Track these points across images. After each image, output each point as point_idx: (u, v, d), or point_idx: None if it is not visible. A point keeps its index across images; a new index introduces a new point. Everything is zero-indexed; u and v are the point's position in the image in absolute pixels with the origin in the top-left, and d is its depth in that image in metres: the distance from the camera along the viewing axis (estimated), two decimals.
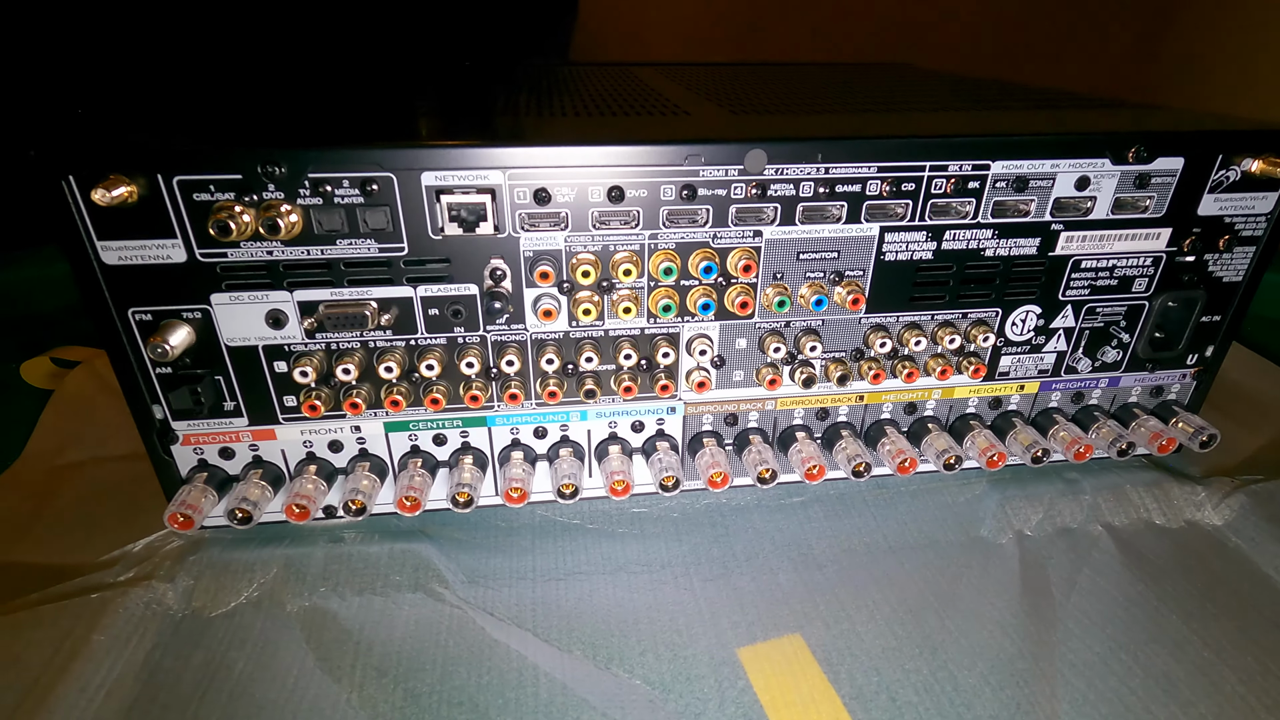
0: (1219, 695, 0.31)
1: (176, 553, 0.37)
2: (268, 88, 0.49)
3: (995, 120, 0.39)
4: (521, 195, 0.31)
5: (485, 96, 0.48)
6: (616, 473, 0.37)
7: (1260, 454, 0.46)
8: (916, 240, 0.35)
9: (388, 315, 0.33)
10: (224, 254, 0.30)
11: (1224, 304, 0.39)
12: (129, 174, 0.28)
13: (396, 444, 0.37)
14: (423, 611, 0.34)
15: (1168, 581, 0.37)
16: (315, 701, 0.30)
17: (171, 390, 0.33)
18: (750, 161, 0.31)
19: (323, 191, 0.30)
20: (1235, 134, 0.35)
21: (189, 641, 0.33)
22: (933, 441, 0.39)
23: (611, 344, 0.35)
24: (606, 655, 0.32)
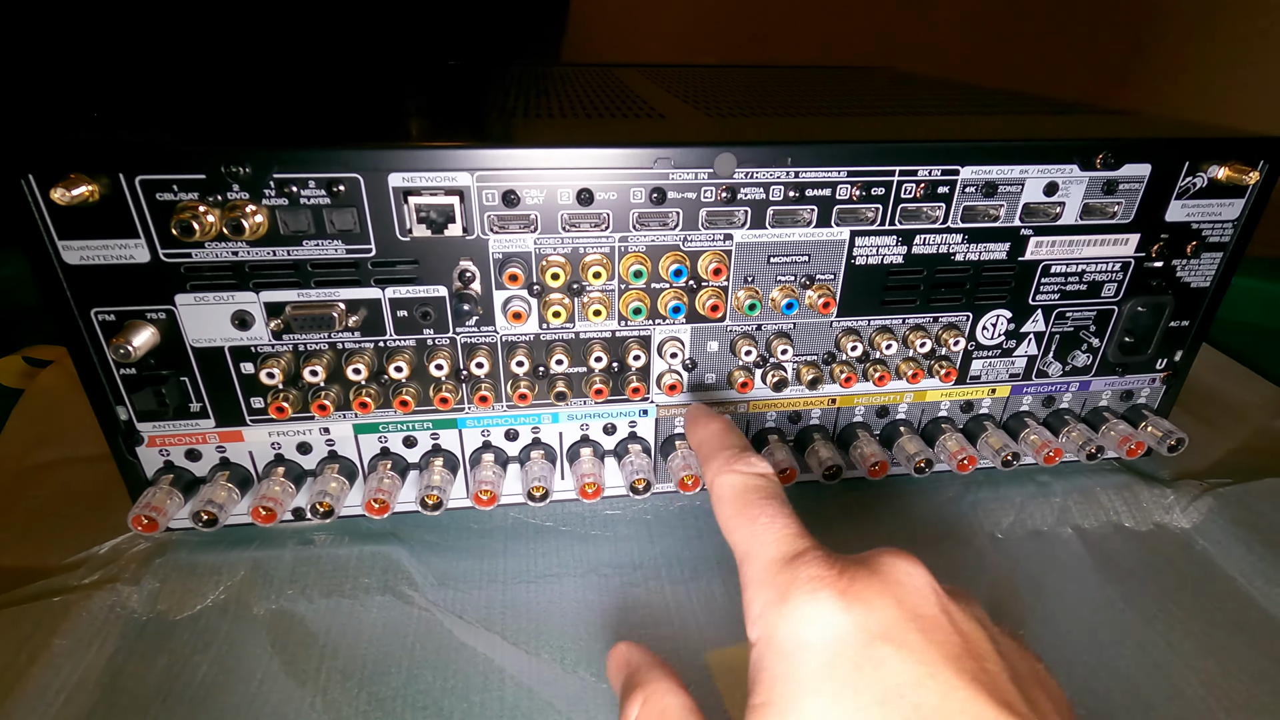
0: (1179, 698, 0.31)
1: (143, 555, 0.37)
2: (240, 87, 0.49)
3: (965, 125, 0.40)
4: (490, 197, 0.31)
5: (461, 97, 0.47)
6: (587, 475, 0.37)
7: (1230, 457, 0.47)
8: (887, 244, 0.35)
9: (356, 317, 0.32)
10: (188, 254, 0.30)
11: (1192, 309, 0.40)
12: (90, 173, 0.28)
13: (366, 446, 0.36)
14: (391, 614, 0.34)
15: (1134, 584, 0.37)
16: (279, 706, 0.30)
17: (135, 391, 0.33)
18: (720, 165, 0.31)
19: (288, 192, 0.29)
20: (1201, 141, 0.35)
21: (152, 645, 0.32)
22: (904, 445, 0.39)
23: (582, 346, 0.35)
24: (574, 658, 0.32)
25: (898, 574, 0.20)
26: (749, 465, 0.25)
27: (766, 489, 0.24)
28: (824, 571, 0.20)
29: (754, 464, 0.25)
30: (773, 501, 0.23)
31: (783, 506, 0.23)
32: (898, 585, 0.20)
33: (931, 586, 0.20)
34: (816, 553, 0.21)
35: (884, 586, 0.19)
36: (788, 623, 0.19)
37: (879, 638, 0.18)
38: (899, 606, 0.19)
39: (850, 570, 0.20)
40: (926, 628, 0.19)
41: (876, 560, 0.20)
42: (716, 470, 0.25)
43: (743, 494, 0.24)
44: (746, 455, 0.25)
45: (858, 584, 0.19)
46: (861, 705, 0.18)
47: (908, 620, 0.19)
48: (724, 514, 0.24)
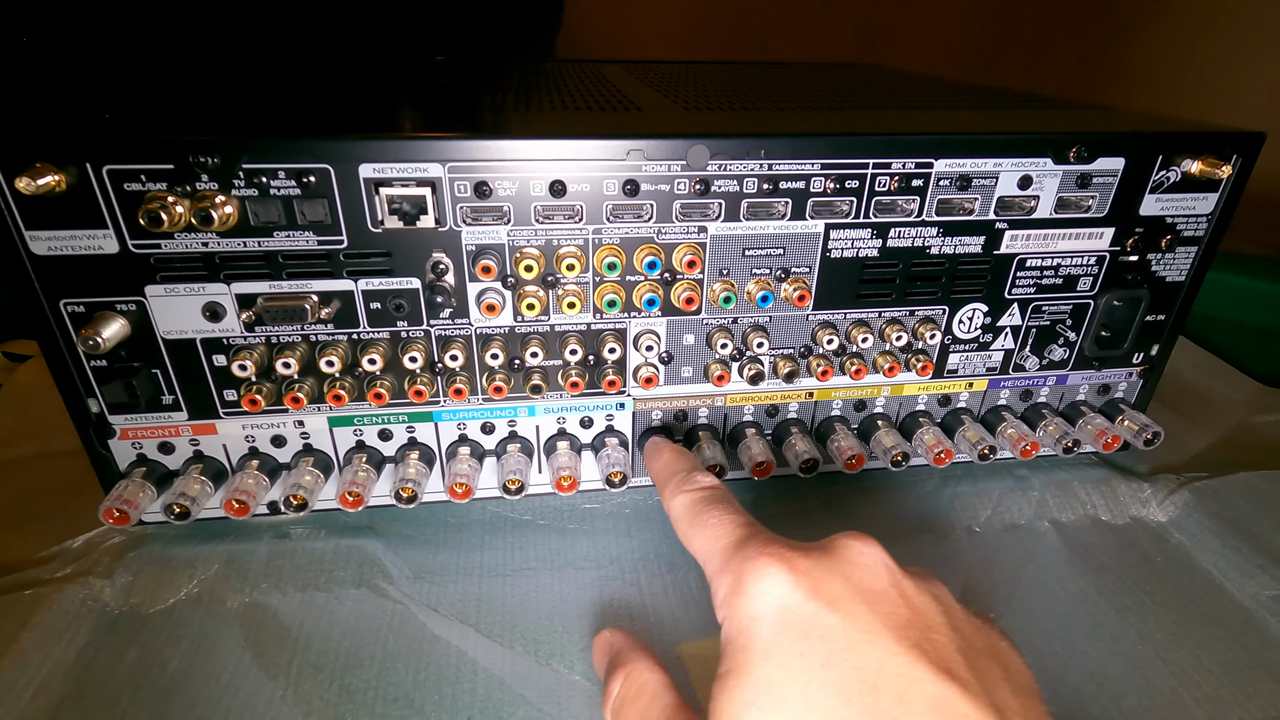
0: (1150, 689, 0.31)
1: (117, 549, 0.37)
2: (217, 78, 0.48)
3: (938, 119, 0.40)
4: (462, 189, 0.31)
5: (442, 91, 0.47)
6: (563, 468, 0.37)
7: (1208, 452, 0.47)
8: (862, 237, 0.35)
9: (328, 308, 0.32)
10: (157, 245, 0.30)
11: (1168, 303, 0.40)
12: (57, 163, 0.28)
13: (341, 439, 0.36)
14: (365, 607, 0.34)
15: (1109, 577, 0.37)
16: (249, 699, 0.30)
17: (106, 384, 0.32)
18: (693, 157, 0.31)
19: (258, 183, 0.29)
20: (1174, 135, 0.35)
21: (124, 638, 0.32)
22: (881, 438, 0.39)
23: (558, 339, 0.35)
24: (548, 651, 0.32)
25: (850, 553, 0.21)
26: (694, 483, 0.27)
27: (711, 497, 0.26)
28: (771, 549, 0.21)
29: (698, 480, 0.27)
30: (718, 504, 0.25)
31: (728, 506, 0.25)
32: (848, 563, 0.21)
33: (884, 563, 0.21)
34: (762, 535, 0.23)
35: (833, 563, 0.21)
36: (744, 599, 0.21)
37: (826, 606, 0.20)
38: (846, 581, 0.20)
39: (801, 548, 0.22)
40: (872, 599, 0.20)
41: (832, 542, 0.22)
42: (670, 496, 0.27)
43: (692, 507, 0.26)
44: (693, 475, 0.28)
45: (808, 559, 0.21)
46: (806, 668, 0.19)
47: (854, 592, 0.20)
48: (682, 531, 0.26)
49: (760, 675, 0.19)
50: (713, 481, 0.27)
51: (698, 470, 0.28)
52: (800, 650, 0.19)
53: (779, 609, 0.20)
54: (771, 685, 0.19)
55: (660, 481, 0.30)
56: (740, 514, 0.25)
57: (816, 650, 0.19)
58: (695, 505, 0.26)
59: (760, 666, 0.19)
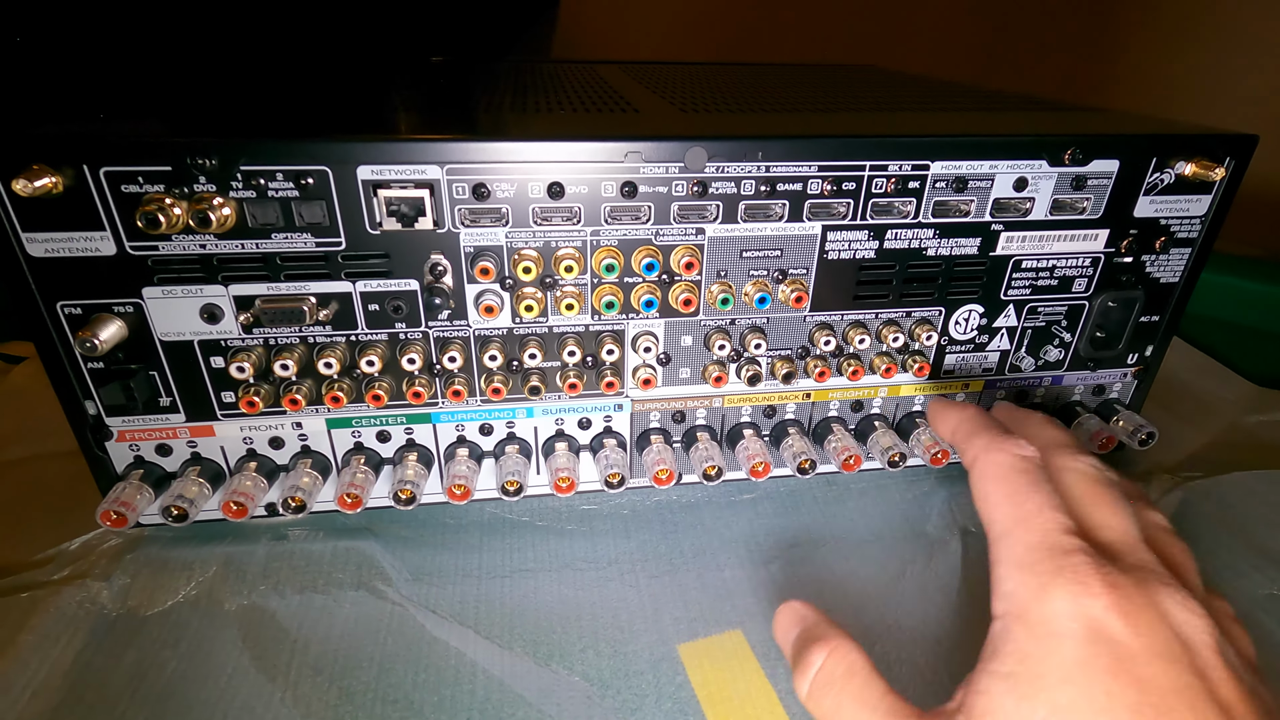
0: None
1: (114, 551, 0.37)
2: (213, 81, 0.48)
3: (934, 121, 0.40)
4: (460, 190, 0.31)
5: (439, 92, 0.47)
6: (561, 469, 0.37)
7: (1202, 452, 0.47)
8: (859, 239, 0.35)
9: (326, 310, 0.32)
10: (155, 247, 0.30)
11: (1162, 304, 0.40)
12: (54, 164, 0.28)
13: (339, 440, 0.36)
14: (364, 609, 0.34)
15: None
16: (247, 701, 0.30)
17: (103, 386, 0.32)
18: (690, 159, 0.32)
19: (256, 184, 0.29)
20: (1169, 138, 0.35)
21: (121, 641, 0.32)
22: (878, 439, 0.39)
23: (556, 340, 0.35)
24: (547, 652, 0.32)
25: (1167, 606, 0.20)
26: (1019, 447, 0.25)
27: (1035, 474, 0.24)
28: (1094, 574, 0.20)
29: (1023, 446, 0.25)
30: (1042, 489, 0.23)
31: (1051, 497, 0.23)
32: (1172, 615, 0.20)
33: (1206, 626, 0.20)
34: (1084, 555, 0.21)
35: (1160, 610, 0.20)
36: (1048, 607, 0.20)
37: (1145, 652, 0.19)
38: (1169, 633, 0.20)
39: (1118, 583, 0.20)
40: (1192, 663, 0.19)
41: (1147, 585, 0.21)
42: (984, 447, 0.25)
43: (1011, 474, 0.24)
44: (1014, 437, 0.25)
45: (1130, 602, 0.20)
46: (1112, 707, 0.18)
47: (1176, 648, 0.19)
48: (988, 490, 0.24)
49: (1059, 697, 0.19)
50: (1034, 451, 0.25)
51: (1016, 434, 0.26)
52: (1109, 688, 0.19)
53: (1092, 637, 0.19)
54: (1069, 710, 0.19)
55: (966, 432, 0.27)
56: (1066, 515, 0.22)
57: (1127, 694, 0.18)
58: (1016, 474, 0.24)
59: (1060, 688, 0.19)
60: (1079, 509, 0.24)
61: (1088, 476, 0.25)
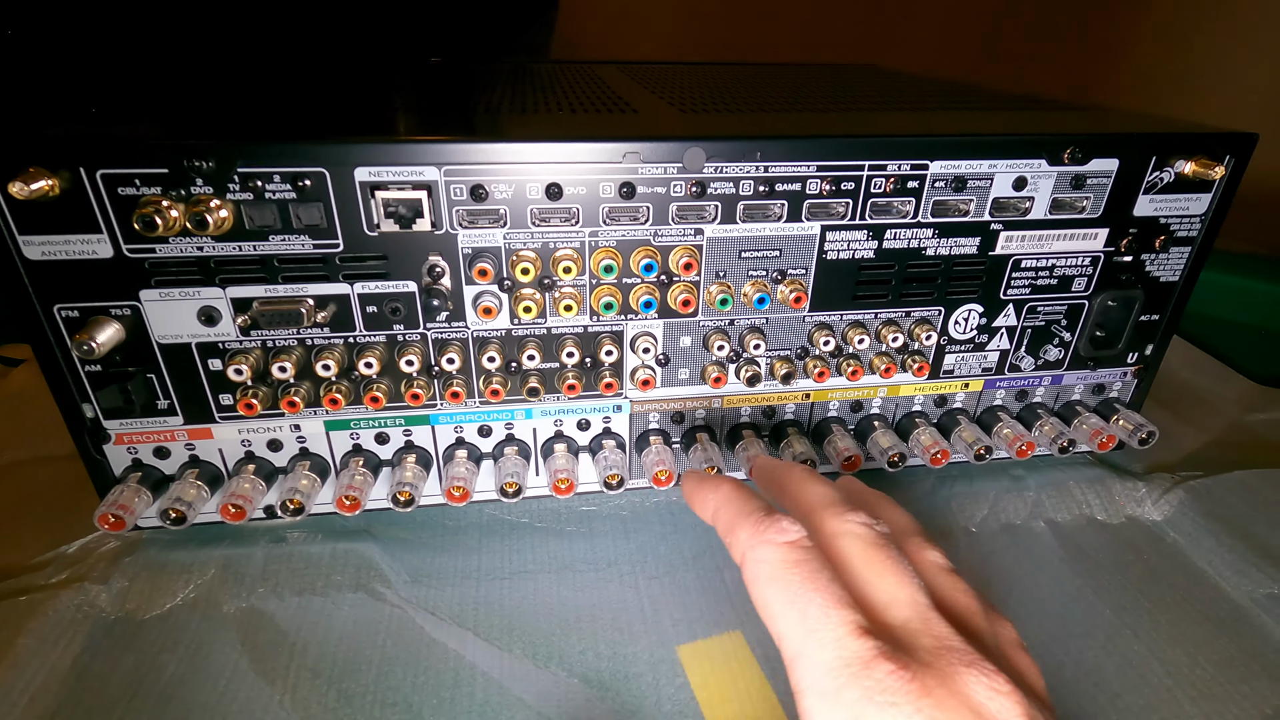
0: (1145, 687, 0.31)
1: (112, 554, 0.36)
2: (211, 82, 0.48)
3: (933, 120, 0.40)
4: (458, 192, 0.31)
5: (437, 93, 0.47)
6: (560, 471, 0.37)
7: (1203, 451, 0.47)
8: (858, 239, 0.35)
9: (324, 312, 0.32)
10: (152, 250, 0.30)
11: (1162, 303, 0.40)
12: (50, 167, 0.28)
13: (338, 443, 0.36)
14: (363, 612, 0.34)
15: (1105, 576, 0.37)
16: (246, 704, 0.30)
17: (101, 389, 0.32)
18: (689, 159, 0.31)
19: (253, 186, 0.29)
20: (1168, 136, 0.35)
21: (120, 644, 0.32)
22: (877, 439, 0.39)
23: (554, 342, 0.35)
24: (546, 654, 0.32)
25: (978, 698, 0.19)
26: (782, 533, 0.22)
27: (809, 562, 0.21)
28: (902, 687, 0.18)
29: (787, 530, 0.22)
30: (819, 581, 0.20)
31: (830, 585, 0.20)
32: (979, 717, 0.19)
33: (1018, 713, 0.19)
34: (885, 662, 0.19)
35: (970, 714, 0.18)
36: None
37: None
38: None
39: (927, 685, 0.19)
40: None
41: (953, 676, 0.19)
42: (747, 543, 0.22)
43: (784, 571, 0.21)
44: (776, 519, 0.22)
45: (941, 709, 0.18)
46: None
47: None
48: (767, 598, 0.21)
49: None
50: (802, 532, 0.22)
51: (779, 513, 0.23)
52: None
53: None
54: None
55: (725, 522, 0.23)
56: (850, 608, 0.20)
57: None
58: (788, 570, 0.21)
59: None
60: (863, 588, 0.21)
61: (862, 539, 0.22)
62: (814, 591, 0.20)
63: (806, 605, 0.20)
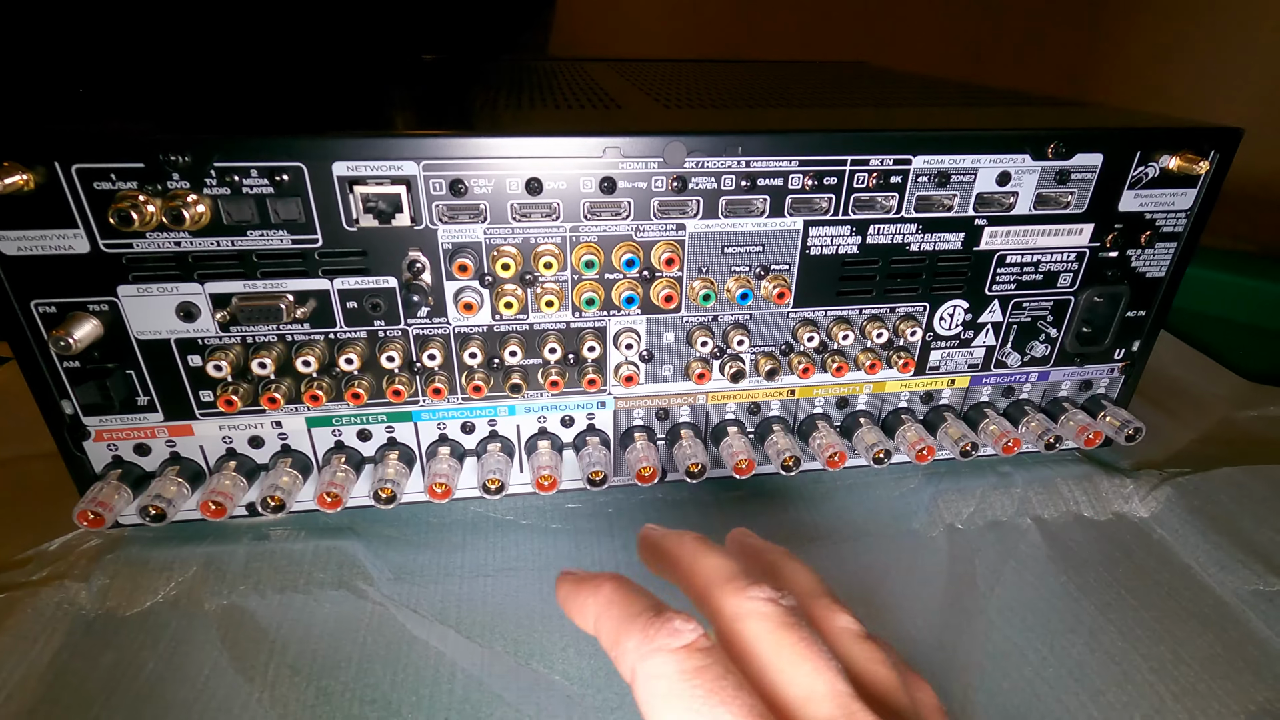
0: (1129, 684, 0.31)
1: (93, 551, 0.36)
2: (195, 77, 0.48)
3: (917, 115, 0.40)
4: (437, 187, 0.31)
5: (423, 89, 0.47)
6: (544, 468, 0.36)
7: (1191, 448, 0.47)
8: (841, 234, 0.35)
9: (304, 308, 0.32)
10: (129, 245, 0.30)
11: (1148, 299, 0.40)
12: (25, 161, 0.27)
13: (320, 439, 0.36)
14: (344, 609, 0.34)
15: (1090, 573, 0.37)
16: (224, 701, 0.30)
17: (79, 385, 0.32)
18: (669, 154, 0.31)
19: (230, 181, 0.29)
20: (1152, 131, 0.35)
21: (99, 642, 0.32)
22: (863, 436, 0.39)
23: (536, 338, 0.35)
24: (528, 651, 0.32)
25: None
26: (676, 635, 0.18)
27: (710, 669, 0.17)
28: None
29: (681, 631, 0.18)
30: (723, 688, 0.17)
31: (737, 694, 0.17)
32: None
33: None
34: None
35: None
36: None
37: None
38: None
39: None
40: None
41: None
42: (636, 654, 0.18)
43: (682, 685, 0.17)
44: (666, 619, 0.18)
45: None
46: None
47: None
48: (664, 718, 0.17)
49: None
50: (698, 630, 0.18)
51: (669, 611, 0.19)
52: None
53: None
54: None
55: (610, 630, 0.19)
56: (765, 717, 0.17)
57: None
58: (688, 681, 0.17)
59: None
60: (775, 682, 0.18)
61: (769, 620, 0.19)
62: (720, 706, 0.17)
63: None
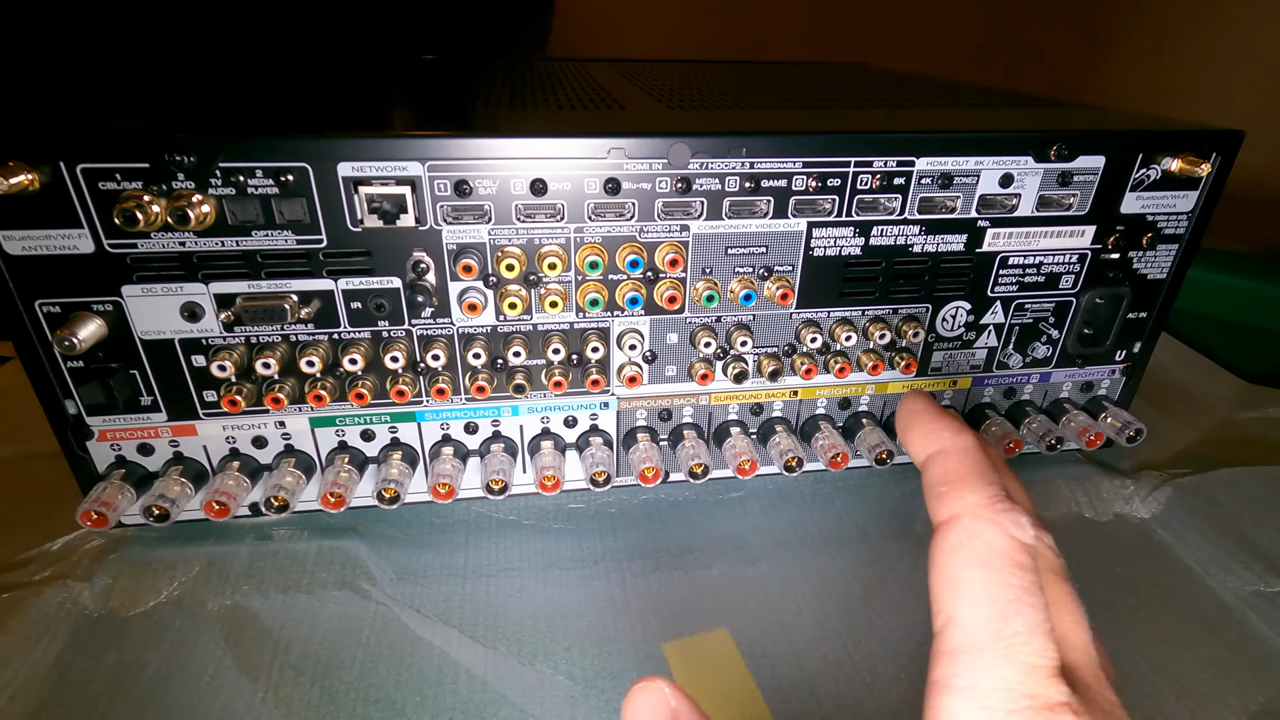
0: (1130, 685, 0.31)
1: (96, 551, 0.36)
2: (197, 77, 0.48)
3: (920, 117, 0.40)
4: (442, 187, 0.31)
5: (426, 89, 0.47)
6: (547, 468, 0.36)
7: (1191, 449, 0.47)
8: (844, 236, 0.35)
9: (308, 308, 0.32)
10: (134, 245, 0.30)
11: (1150, 301, 0.40)
12: (30, 161, 0.28)
13: (323, 439, 0.36)
14: (347, 609, 0.34)
15: (1092, 573, 0.37)
16: (229, 701, 0.30)
17: (83, 385, 0.32)
18: (674, 155, 0.31)
19: (235, 181, 0.29)
20: (1154, 133, 0.35)
21: (103, 642, 0.32)
22: (865, 436, 0.39)
23: (540, 338, 0.35)
24: (531, 651, 0.32)
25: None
26: (1020, 528, 0.18)
27: (1031, 573, 0.18)
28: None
29: (1024, 525, 0.19)
30: (1038, 601, 0.18)
31: (1043, 610, 0.18)
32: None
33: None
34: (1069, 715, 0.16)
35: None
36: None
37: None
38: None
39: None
40: None
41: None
42: (974, 510, 0.19)
43: (1006, 567, 0.18)
44: (1017, 510, 0.19)
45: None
46: None
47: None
48: (962, 574, 0.18)
49: None
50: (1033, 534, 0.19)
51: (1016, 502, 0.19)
52: None
53: None
54: None
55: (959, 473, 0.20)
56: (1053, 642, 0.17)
57: None
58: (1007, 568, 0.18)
59: None
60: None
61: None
62: (1027, 605, 0.17)
63: (1011, 613, 0.17)
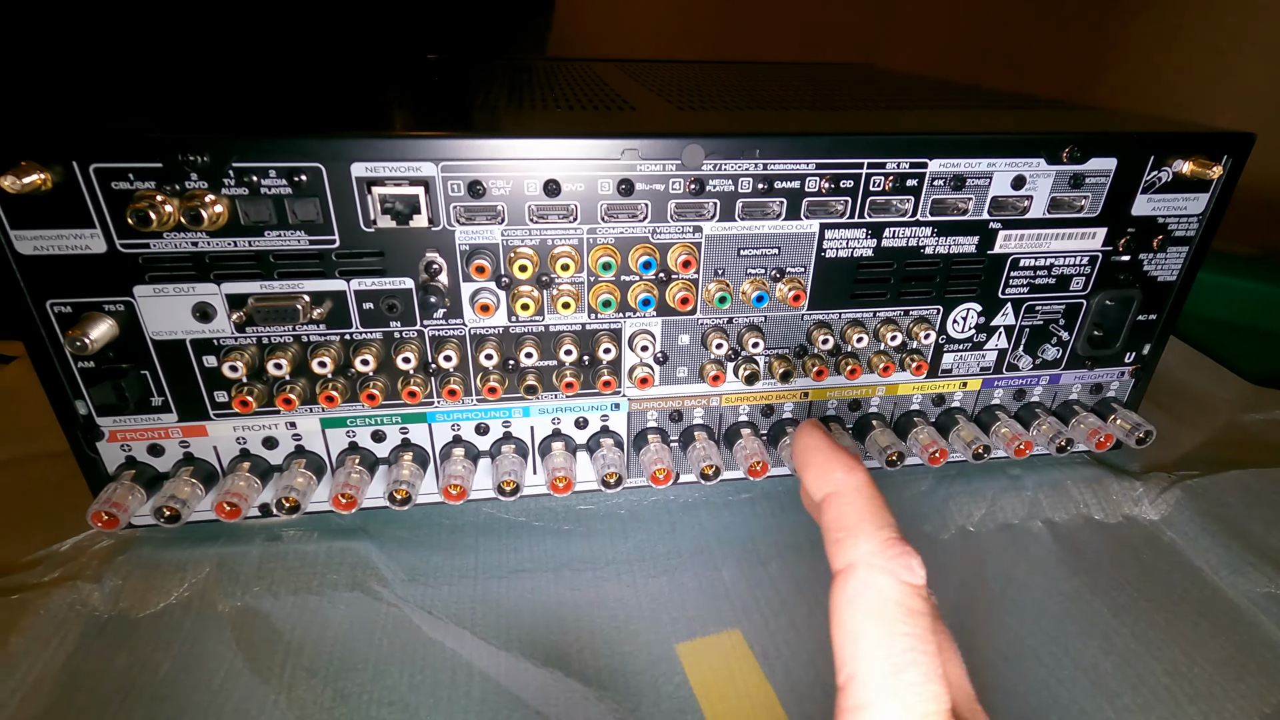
0: (1144, 687, 0.31)
1: (105, 552, 0.36)
2: (206, 77, 0.48)
3: (932, 119, 0.40)
4: (456, 188, 0.31)
5: (434, 89, 0.47)
6: (558, 469, 0.36)
7: (1199, 450, 0.47)
8: (857, 237, 0.35)
9: (320, 309, 0.32)
10: (146, 245, 0.30)
11: (1159, 303, 0.40)
12: (43, 161, 0.27)
13: (334, 440, 0.36)
14: (359, 610, 0.34)
15: (1102, 575, 0.37)
16: (241, 703, 0.30)
17: (94, 385, 0.32)
18: (687, 156, 0.31)
19: (248, 181, 0.29)
20: (1166, 136, 0.35)
21: (113, 643, 0.32)
22: (876, 438, 0.39)
23: (552, 339, 0.35)
24: (544, 652, 0.32)
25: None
26: (911, 573, 0.18)
27: (925, 619, 0.18)
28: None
29: (916, 572, 0.18)
30: (927, 643, 0.17)
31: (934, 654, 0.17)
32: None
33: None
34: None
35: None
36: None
37: None
38: None
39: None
40: None
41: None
42: (867, 559, 0.18)
43: (896, 615, 0.18)
44: (909, 553, 0.19)
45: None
46: None
47: None
48: (857, 627, 0.18)
49: None
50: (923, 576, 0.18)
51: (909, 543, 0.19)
52: None
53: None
54: None
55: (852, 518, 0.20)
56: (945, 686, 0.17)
57: None
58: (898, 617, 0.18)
59: None
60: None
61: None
62: (920, 654, 0.17)
63: (905, 664, 0.17)
